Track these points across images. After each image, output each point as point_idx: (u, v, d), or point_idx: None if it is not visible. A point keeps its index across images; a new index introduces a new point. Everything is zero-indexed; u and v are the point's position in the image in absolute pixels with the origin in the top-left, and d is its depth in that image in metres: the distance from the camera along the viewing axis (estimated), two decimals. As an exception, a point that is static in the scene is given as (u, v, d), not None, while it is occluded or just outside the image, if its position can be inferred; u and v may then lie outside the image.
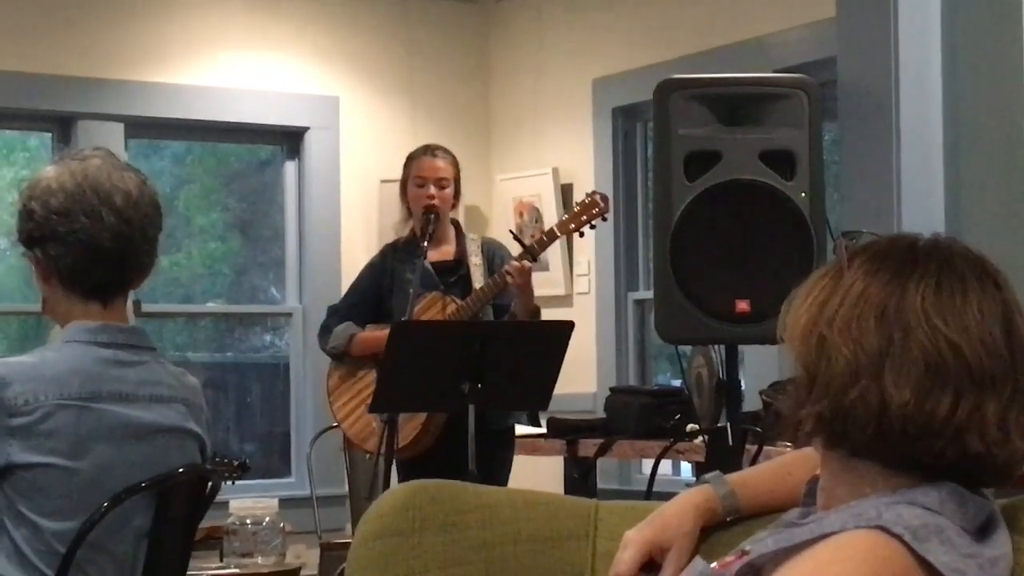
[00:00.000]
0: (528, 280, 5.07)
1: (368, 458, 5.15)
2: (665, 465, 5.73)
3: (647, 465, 5.87)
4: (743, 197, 3.58)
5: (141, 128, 7.23)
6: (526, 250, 5.08)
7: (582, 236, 5.30)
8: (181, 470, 2.84)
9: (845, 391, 1.62)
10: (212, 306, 7.81)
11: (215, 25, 7.26)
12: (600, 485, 5.67)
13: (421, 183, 5.35)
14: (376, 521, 2.04)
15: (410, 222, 5.44)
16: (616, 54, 7.13)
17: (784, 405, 1.70)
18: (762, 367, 5.62)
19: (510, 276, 5.04)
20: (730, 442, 3.75)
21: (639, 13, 7.04)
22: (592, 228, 5.19)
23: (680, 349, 4.23)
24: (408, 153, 5.51)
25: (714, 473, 1.96)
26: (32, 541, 2.68)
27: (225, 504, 4.70)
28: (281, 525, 4.78)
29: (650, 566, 1.87)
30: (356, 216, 7.51)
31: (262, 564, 4.69)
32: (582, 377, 6.90)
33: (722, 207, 3.59)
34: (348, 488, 6.24)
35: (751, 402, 4.77)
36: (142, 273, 2.86)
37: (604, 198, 5.17)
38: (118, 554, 2.77)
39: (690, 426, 4.88)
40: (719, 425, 4.06)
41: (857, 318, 1.63)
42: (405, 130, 7.56)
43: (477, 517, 2.04)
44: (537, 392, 4.58)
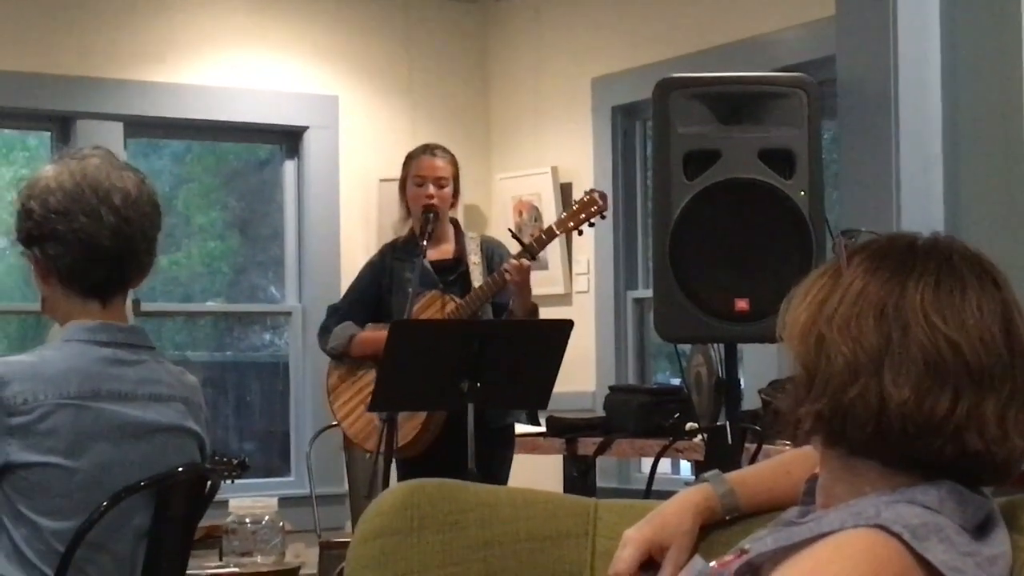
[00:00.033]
0: (527, 278, 5.07)
1: (368, 457, 5.15)
2: (664, 464, 5.74)
3: (646, 464, 5.87)
4: (742, 196, 3.58)
5: (140, 127, 7.23)
6: (525, 248, 5.08)
7: (581, 234, 5.30)
8: (180, 469, 2.84)
9: (844, 389, 1.62)
10: (211, 305, 7.81)
11: (214, 24, 7.26)
12: (599, 484, 5.66)
13: (420, 182, 5.35)
14: (375, 520, 2.04)
15: (409, 221, 5.44)
16: (615, 53, 7.13)
17: (783, 404, 1.70)
18: (761, 366, 5.61)
19: (508, 274, 5.04)
20: (729, 441, 3.75)
21: (638, 12, 7.04)
22: (591, 226, 5.19)
23: (679, 348, 4.23)
24: (407, 152, 5.52)
25: (713, 472, 1.96)
26: (32, 540, 2.68)
27: (224, 503, 4.69)
28: (280, 524, 4.78)
29: (649, 565, 1.87)
30: (355, 215, 7.51)
31: (261, 563, 4.68)
32: (581, 376, 6.90)
33: (721, 206, 3.58)
34: (348, 487, 6.24)
35: (750, 401, 4.77)
36: (141, 272, 2.86)
37: (603, 196, 5.17)
38: (118, 553, 2.77)
39: (689, 425, 4.88)
40: (718, 424, 4.06)
41: (856, 316, 1.63)
42: (404, 129, 7.56)
43: (476, 516, 2.04)
44: (536, 391, 4.57)
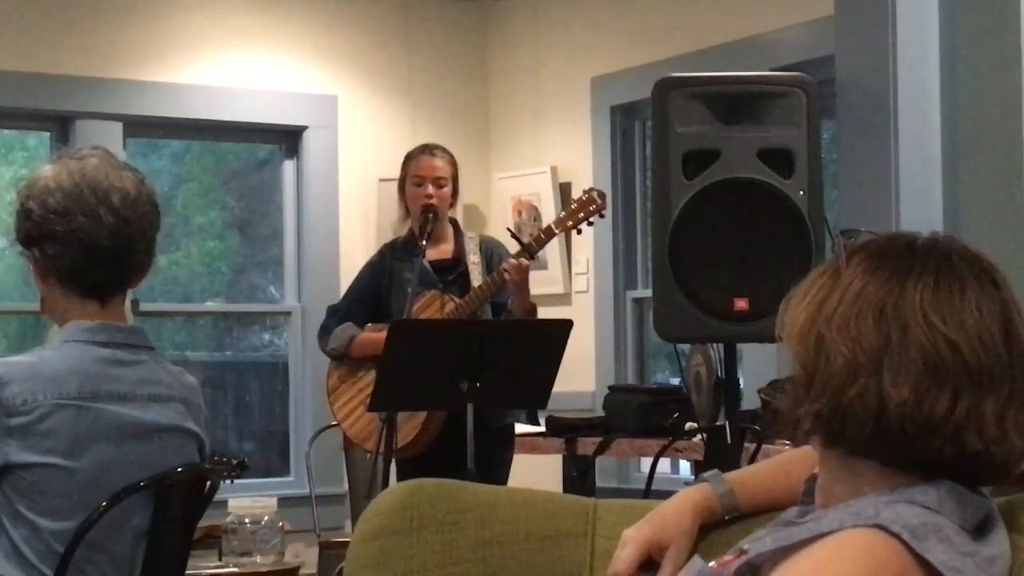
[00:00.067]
0: (525, 278, 5.07)
1: (368, 457, 5.15)
2: (664, 463, 5.74)
3: (646, 463, 5.86)
4: (741, 195, 3.58)
5: (140, 127, 7.23)
6: (524, 248, 5.08)
7: (579, 233, 5.30)
8: (180, 469, 2.84)
9: (843, 389, 1.61)
10: (211, 305, 7.81)
11: (213, 24, 7.26)
12: (599, 483, 5.66)
13: (419, 182, 5.35)
14: (374, 520, 2.04)
15: (408, 221, 5.44)
16: (614, 52, 7.13)
17: (782, 403, 1.69)
18: (761, 365, 5.61)
19: (507, 274, 5.04)
20: (728, 440, 3.75)
21: (637, 11, 7.04)
22: (590, 225, 5.18)
23: (679, 347, 4.23)
24: (406, 152, 5.52)
25: (712, 472, 1.95)
26: (31, 541, 2.68)
27: (224, 503, 4.70)
28: (280, 524, 4.78)
29: (648, 565, 1.87)
30: (355, 215, 7.51)
31: (261, 563, 4.69)
32: (581, 375, 6.90)
33: (720, 205, 3.58)
34: (347, 487, 6.24)
35: (749, 400, 4.77)
36: (140, 272, 2.85)
37: (601, 195, 5.17)
38: (117, 553, 2.76)
39: (689, 424, 4.88)
40: (718, 423, 4.07)
41: (855, 316, 1.63)
42: (404, 129, 7.55)
43: (475, 516, 2.04)
44: (536, 391, 4.57)
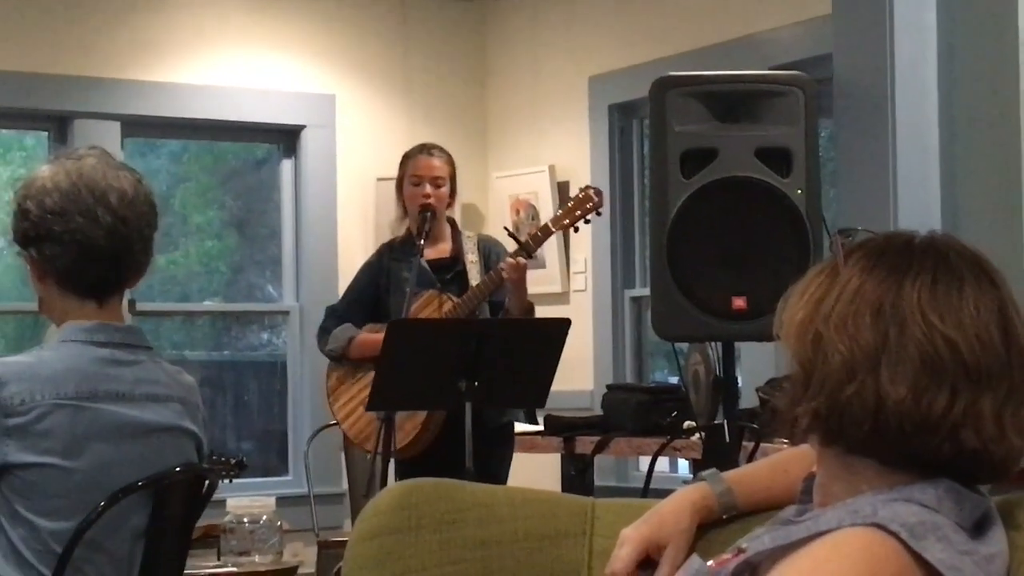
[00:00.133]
0: (523, 276, 5.07)
1: (368, 457, 5.15)
2: (662, 462, 5.74)
3: (644, 462, 5.87)
4: (739, 194, 3.58)
5: (138, 127, 7.23)
6: (521, 246, 5.08)
7: (577, 231, 5.30)
8: (178, 469, 2.84)
9: (841, 388, 1.61)
10: (209, 304, 7.80)
11: (211, 24, 7.25)
12: (597, 482, 5.66)
13: (417, 182, 5.35)
14: (373, 519, 2.04)
15: (406, 220, 5.44)
16: (612, 51, 7.13)
17: (780, 402, 1.69)
18: (759, 364, 5.62)
19: (505, 272, 5.04)
20: (727, 439, 3.75)
21: (635, 10, 7.04)
22: (586, 223, 5.19)
23: (677, 346, 4.23)
24: (404, 152, 5.52)
25: (711, 470, 1.95)
26: (29, 541, 2.67)
27: (222, 502, 4.70)
28: (278, 523, 4.78)
29: (647, 564, 1.87)
30: (353, 214, 7.51)
31: (259, 562, 4.69)
32: (579, 374, 6.90)
33: (718, 204, 3.58)
34: (347, 486, 6.24)
35: (748, 399, 4.78)
36: (138, 272, 2.85)
37: (598, 192, 5.17)
38: (115, 553, 2.76)
39: (687, 423, 4.89)
40: (716, 422, 4.07)
41: (853, 315, 1.63)
42: (401, 128, 7.55)
43: (473, 515, 2.04)
44: (534, 389, 4.57)
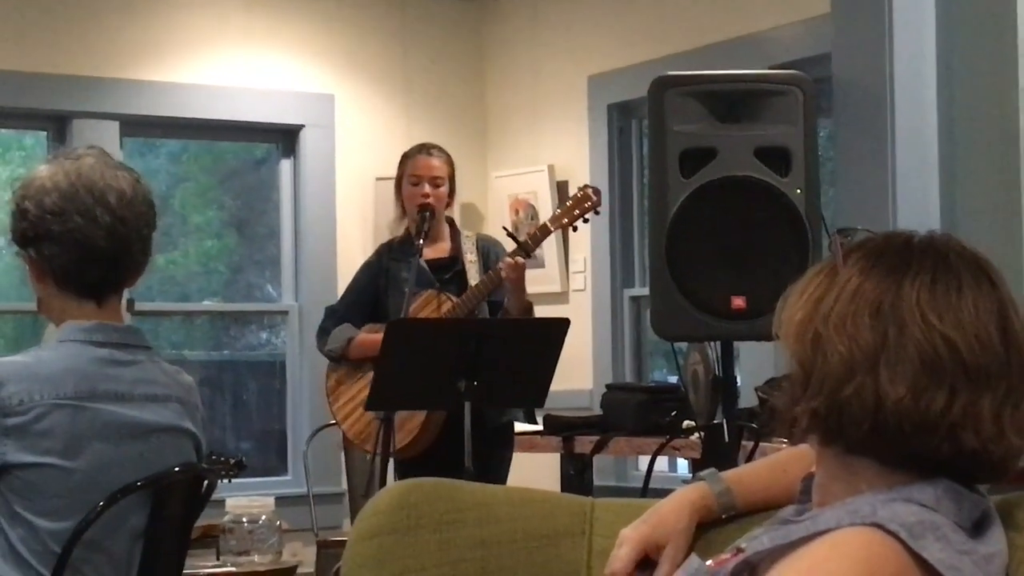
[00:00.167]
0: (522, 276, 5.06)
1: (368, 457, 5.15)
2: (661, 462, 5.73)
3: (643, 462, 5.87)
4: (738, 194, 3.57)
5: (137, 126, 7.23)
6: (520, 246, 5.08)
7: (575, 230, 5.30)
8: (177, 469, 2.84)
9: (840, 388, 1.61)
10: (208, 304, 7.80)
11: (210, 23, 7.25)
12: (596, 482, 5.66)
13: (416, 181, 5.34)
14: (372, 519, 2.04)
15: (405, 220, 5.44)
16: (611, 51, 7.13)
17: (780, 402, 1.69)
18: (758, 363, 5.61)
19: (503, 272, 5.04)
20: (726, 439, 3.75)
21: (634, 10, 7.04)
22: (585, 222, 5.19)
23: (676, 346, 4.23)
24: (403, 151, 5.52)
25: (710, 470, 1.95)
26: (28, 540, 2.67)
27: (221, 502, 4.70)
28: (277, 523, 4.78)
29: (646, 563, 1.87)
30: (352, 213, 7.51)
31: (258, 562, 4.68)
32: (578, 374, 6.89)
33: (717, 204, 3.58)
34: (346, 486, 6.24)
35: (747, 399, 4.77)
36: (136, 272, 2.85)
37: (596, 191, 5.17)
38: (114, 553, 2.76)
39: (686, 423, 4.88)
40: (715, 422, 4.07)
41: (852, 315, 1.63)
42: (400, 128, 7.55)
43: (473, 515, 2.04)
44: (533, 389, 4.57)
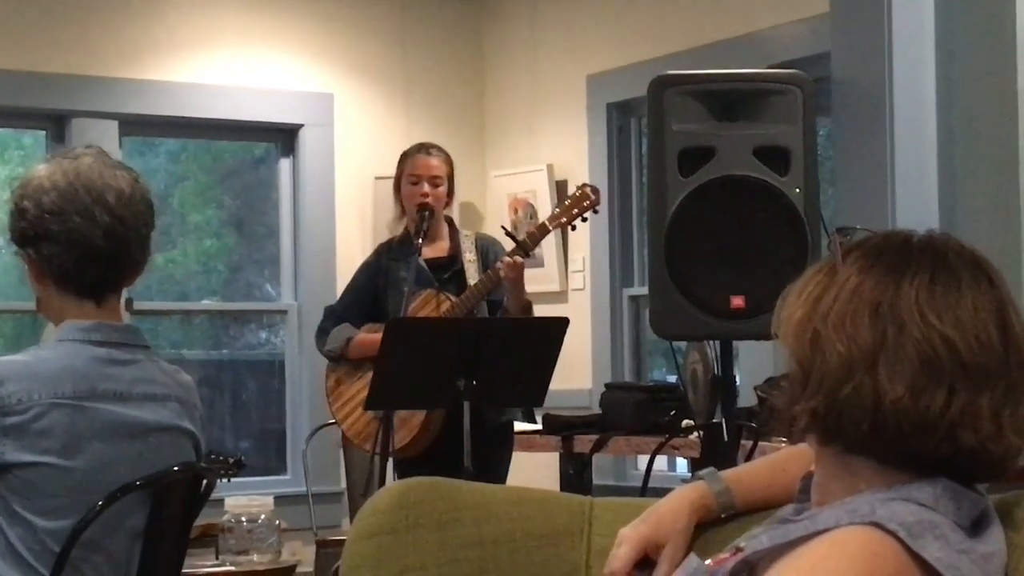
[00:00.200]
0: (520, 275, 5.07)
1: (368, 457, 5.15)
2: (660, 461, 5.74)
3: (642, 461, 5.87)
4: (737, 193, 3.57)
5: (136, 126, 7.23)
6: (519, 245, 5.08)
7: (574, 229, 5.30)
8: (176, 468, 2.84)
9: (839, 387, 1.62)
10: (207, 303, 7.80)
11: (209, 22, 7.25)
12: (596, 481, 5.66)
13: (415, 181, 5.34)
14: (370, 519, 2.04)
15: (404, 220, 5.44)
16: (610, 50, 7.13)
17: (779, 401, 1.70)
18: (757, 363, 5.61)
19: (502, 271, 5.04)
20: (725, 438, 3.74)
21: (633, 9, 7.04)
22: (584, 221, 5.19)
23: (675, 345, 4.23)
24: (402, 151, 5.52)
25: (709, 469, 1.95)
26: (27, 540, 2.67)
27: (220, 502, 4.69)
28: (277, 522, 4.78)
29: (645, 563, 1.87)
30: (351, 213, 7.50)
31: (258, 562, 4.68)
32: (577, 373, 6.90)
33: (716, 203, 3.58)
34: (345, 485, 6.24)
35: (746, 398, 4.77)
36: (135, 271, 2.85)
37: (595, 190, 5.17)
38: (113, 553, 2.76)
39: (685, 422, 4.88)
40: (714, 421, 4.06)
41: (851, 314, 1.63)
42: (399, 127, 7.55)
43: (471, 514, 2.04)
44: (532, 388, 4.57)
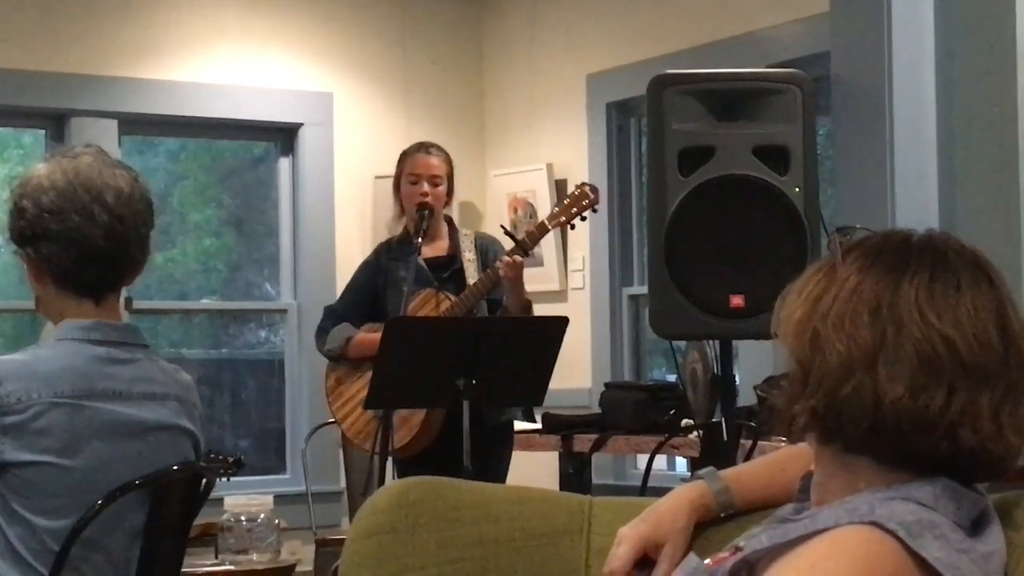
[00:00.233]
0: (519, 274, 5.07)
1: (368, 456, 5.15)
2: (660, 460, 5.73)
3: (642, 460, 5.87)
4: (737, 192, 3.57)
5: (135, 125, 7.23)
6: (518, 244, 5.08)
7: (573, 228, 5.30)
8: (175, 467, 2.83)
9: (839, 386, 1.62)
10: (207, 302, 7.80)
11: (209, 21, 7.25)
12: (595, 480, 5.66)
13: (414, 180, 5.34)
14: (370, 518, 2.04)
15: (404, 219, 5.44)
16: (610, 50, 7.13)
17: (778, 400, 1.70)
18: (757, 362, 5.61)
19: (501, 271, 5.04)
20: (725, 437, 3.74)
21: (632, 8, 7.04)
22: (583, 220, 5.19)
23: (675, 344, 4.23)
24: (402, 150, 5.52)
25: (708, 469, 1.95)
26: (26, 539, 2.67)
27: (220, 501, 4.69)
28: (276, 521, 4.78)
29: (644, 562, 1.87)
30: (350, 212, 7.50)
31: (257, 561, 4.68)
32: (577, 373, 6.90)
33: (716, 202, 3.58)
34: (345, 484, 6.24)
35: (746, 397, 4.77)
36: (135, 271, 2.85)
37: (594, 189, 5.17)
38: (112, 552, 2.76)
39: (685, 421, 4.88)
40: (714, 420, 4.06)
41: (851, 313, 1.63)
42: (399, 126, 7.55)
43: (471, 514, 2.04)
44: (532, 388, 4.57)
